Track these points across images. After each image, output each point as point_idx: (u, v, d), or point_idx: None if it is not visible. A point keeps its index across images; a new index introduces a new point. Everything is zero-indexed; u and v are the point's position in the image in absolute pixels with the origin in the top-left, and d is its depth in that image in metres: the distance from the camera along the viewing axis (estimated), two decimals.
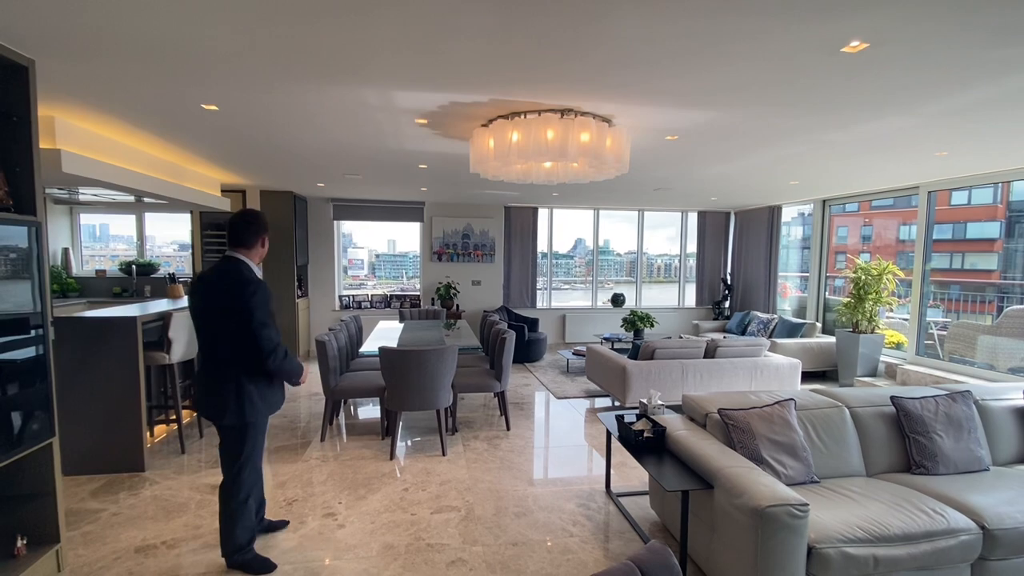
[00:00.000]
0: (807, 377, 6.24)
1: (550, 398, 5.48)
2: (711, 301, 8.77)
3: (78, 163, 3.28)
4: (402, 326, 5.79)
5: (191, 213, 6.66)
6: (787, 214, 7.82)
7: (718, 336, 6.49)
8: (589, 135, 2.87)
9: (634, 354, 4.92)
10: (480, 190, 6.52)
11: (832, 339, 6.40)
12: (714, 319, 8.48)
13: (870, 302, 5.73)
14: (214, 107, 2.98)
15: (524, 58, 2.23)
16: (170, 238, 7.88)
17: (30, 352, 2.24)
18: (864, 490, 2.49)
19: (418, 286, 8.36)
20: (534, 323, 7.52)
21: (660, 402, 3.18)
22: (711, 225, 8.72)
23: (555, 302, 8.69)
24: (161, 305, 4.37)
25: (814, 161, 4.39)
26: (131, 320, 3.45)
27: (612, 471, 3.47)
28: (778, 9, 1.79)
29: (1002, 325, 5.11)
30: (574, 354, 6.55)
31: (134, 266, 7.19)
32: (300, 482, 3.38)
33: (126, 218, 7.56)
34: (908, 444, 2.77)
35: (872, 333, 5.81)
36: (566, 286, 8.91)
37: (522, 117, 2.90)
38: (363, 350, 4.39)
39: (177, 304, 4.57)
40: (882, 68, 2.30)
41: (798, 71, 2.35)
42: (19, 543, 2.25)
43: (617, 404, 5.14)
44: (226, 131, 3.54)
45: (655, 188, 6.12)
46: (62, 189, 5.62)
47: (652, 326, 6.96)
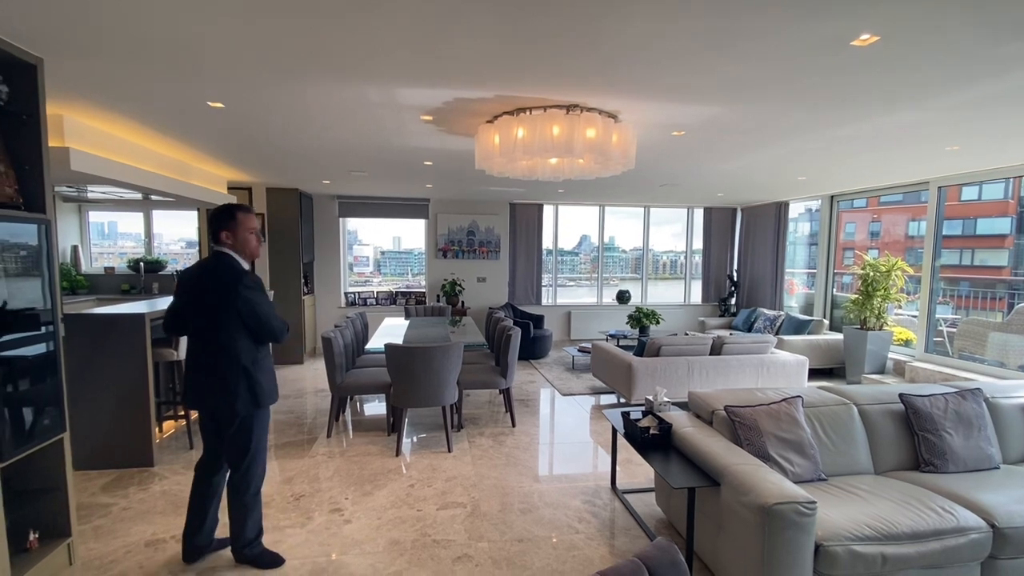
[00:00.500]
0: (814, 374, 6.19)
1: (555, 395, 5.48)
2: (717, 298, 8.73)
3: (87, 161, 3.31)
4: (408, 323, 5.80)
5: (198, 210, 6.70)
6: (794, 210, 7.76)
7: (724, 333, 6.46)
8: (595, 131, 2.86)
9: (640, 351, 4.91)
10: (485, 186, 6.51)
11: (839, 336, 6.35)
12: (720, 316, 8.45)
13: (878, 299, 5.69)
14: (220, 104, 2.99)
15: (529, 54, 2.22)
16: (177, 235, 7.93)
17: (41, 349, 2.26)
18: (872, 488, 2.48)
19: (423, 283, 8.38)
20: (539, 320, 7.52)
21: (666, 399, 3.18)
22: (717, 221, 8.67)
23: (560, 299, 8.68)
24: (169, 302, 4.39)
25: (822, 157, 4.35)
26: (139, 317, 3.48)
27: (618, 468, 3.47)
28: (788, 3, 1.76)
29: (1013, 322, 5.05)
30: (579, 351, 6.55)
31: (142, 263, 7.24)
32: (307, 477, 3.40)
33: (134, 216, 7.61)
34: (917, 442, 2.75)
35: (880, 330, 5.76)
36: (571, 283, 8.89)
37: (527, 113, 2.89)
38: (369, 347, 4.41)
39: None
40: (892, 62, 2.27)
41: (807, 66, 2.32)
42: (31, 537, 2.28)
43: (622, 401, 5.13)
44: (232, 128, 3.55)
45: (661, 184, 6.09)
46: (71, 187, 5.68)
47: (658, 323, 6.95)
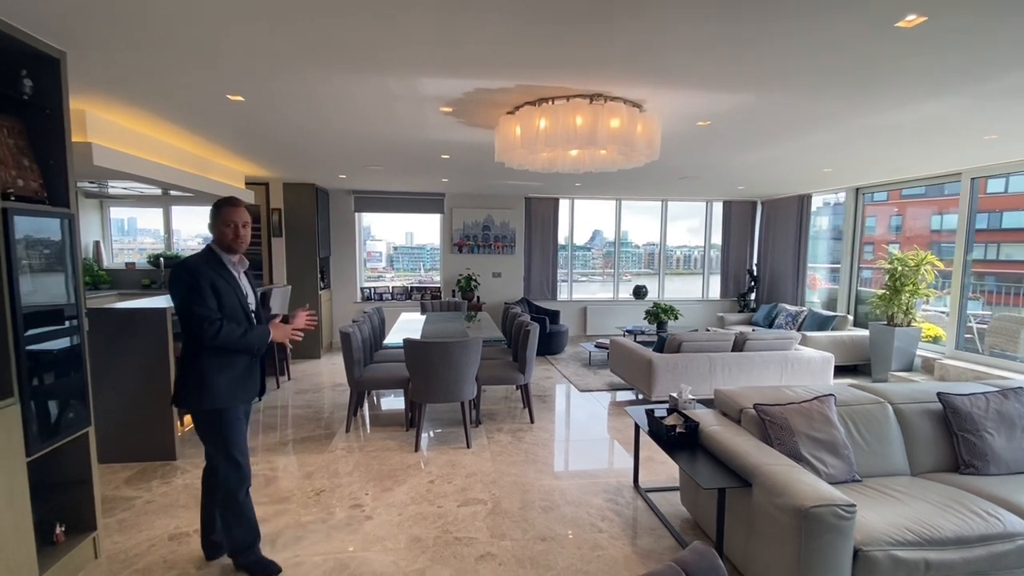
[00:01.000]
0: (838, 371, 6.04)
1: (573, 391, 5.42)
2: (736, 293, 8.58)
3: (109, 156, 3.31)
4: (424, 318, 5.78)
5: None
6: (814, 203, 7.57)
7: (746, 329, 6.34)
8: (619, 121, 2.78)
9: (659, 347, 4.82)
10: (502, 180, 6.45)
11: (864, 332, 6.20)
12: (739, 311, 8.30)
13: (907, 294, 5.52)
14: (239, 98, 2.97)
15: (553, 41, 2.15)
16: (195, 231, 7.99)
17: (65, 343, 2.27)
18: (910, 490, 2.39)
19: (437, 278, 8.36)
20: (555, 315, 7.46)
21: (691, 397, 3.10)
22: (737, 215, 8.51)
23: (576, 294, 8.60)
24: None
25: (852, 147, 4.21)
26: (160, 311, 3.49)
27: (640, 465, 3.40)
28: None
29: None
30: (596, 347, 6.48)
31: (161, 258, 7.33)
32: (327, 473, 3.40)
33: (154, 212, 7.69)
34: (956, 442, 2.64)
35: (908, 326, 5.60)
36: (583, 278, 8.79)
37: (550, 103, 2.82)
38: (387, 342, 4.39)
39: None
40: (937, 44, 2.16)
41: (847, 49, 2.22)
42: (58, 530, 2.29)
43: (641, 397, 5.06)
44: (250, 122, 3.53)
45: (681, 177, 5.97)
46: (92, 182, 5.72)
47: (676, 318, 6.85)
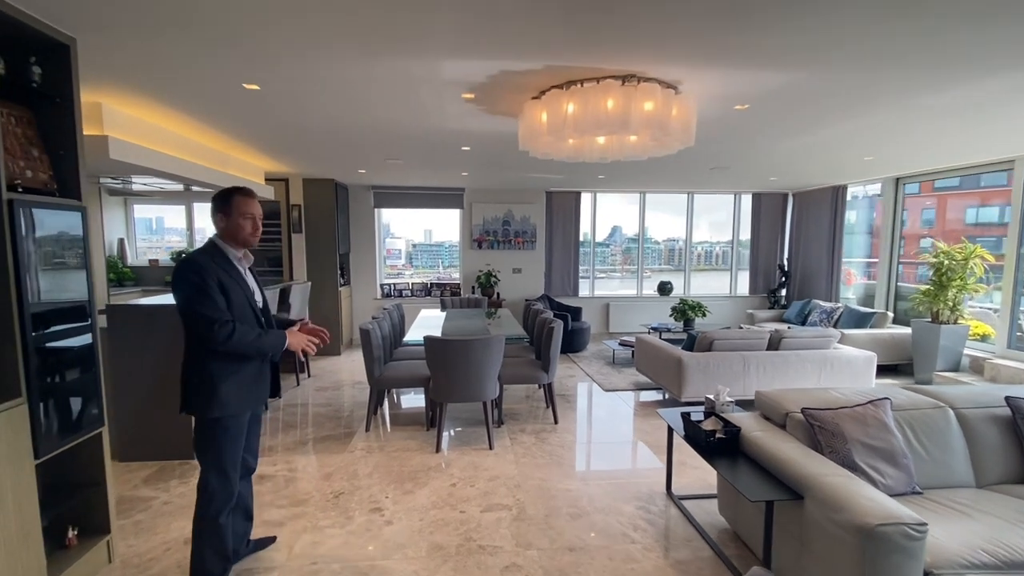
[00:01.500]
0: (878, 371, 5.73)
1: (597, 390, 5.24)
2: (766, 289, 8.26)
3: (125, 149, 3.26)
4: (444, 315, 5.66)
5: None
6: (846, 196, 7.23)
7: (781, 327, 6.07)
8: (653, 104, 2.59)
9: (689, 345, 4.61)
10: (523, 174, 6.29)
11: (905, 330, 5.87)
12: (769, 308, 7.99)
13: (954, 289, 5.19)
14: (255, 86, 2.87)
15: (582, 13, 1.98)
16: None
17: (78, 341, 2.19)
18: (977, 504, 2.17)
19: (455, 275, 8.24)
20: (577, 312, 7.27)
21: (729, 399, 2.91)
22: (767, 208, 8.19)
23: (597, 290, 8.40)
24: None
25: (900, 131, 3.93)
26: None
27: (673, 471, 3.21)
28: None
29: None
30: (621, 344, 6.28)
31: (183, 255, 7.36)
32: (346, 474, 3.30)
33: (177, 209, 7.74)
34: None
35: (955, 324, 5.27)
36: (601, 275, 8.56)
37: (579, 86, 2.65)
38: (407, 339, 4.28)
39: None
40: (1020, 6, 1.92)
41: (917, 14, 1.99)
42: (70, 534, 2.22)
43: (667, 397, 4.86)
44: (267, 113, 3.43)
45: (711, 168, 5.72)
46: (115, 179, 5.74)
47: (704, 315, 6.60)
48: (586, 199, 8.06)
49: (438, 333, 4.38)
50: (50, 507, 2.21)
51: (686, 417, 2.71)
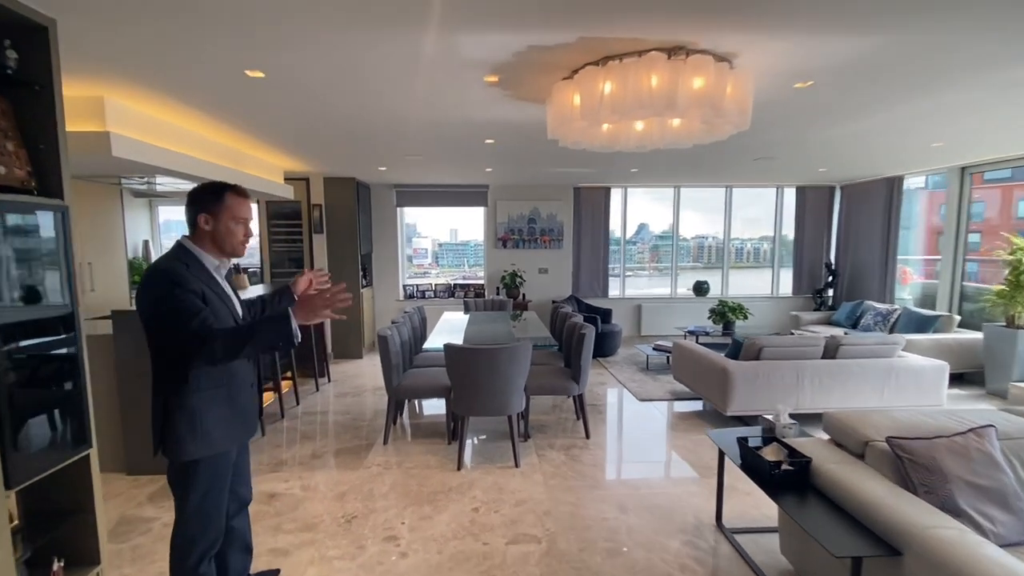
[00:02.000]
0: None
1: (630, 399, 4.87)
2: (811, 289, 7.71)
3: (129, 146, 3.07)
4: (467, 318, 5.39)
5: (257, 203, 6.61)
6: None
7: (836, 331, 5.57)
8: (704, 80, 2.23)
9: (734, 352, 4.20)
10: (550, 168, 5.96)
11: (975, 335, 5.30)
12: (815, 310, 7.44)
13: None
14: (259, 74, 2.62)
15: None
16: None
17: (58, 354, 1.97)
18: None
19: (480, 274, 7.97)
20: (607, 314, 6.89)
21: (791, 421, 2.52)
22: (812, 202, 7.63)
23: (628, 290, 7.99)
24: None
25: (981, 112, 3.44)
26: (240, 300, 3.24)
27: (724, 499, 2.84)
28: None
29: None
30: (655, 349, 5.88)
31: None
32: (361, 494, 3.04)
33: None
34: None
35: None
36: (628, 273, 8.13)
37: (617, 61, 2.31)
38: (427, 346, 4.01)
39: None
40: None
41: None
42: (56, 566, 2.01)
43: (707, 408, 4.46)
44: (275, 104, 3.20)
45: (755, 159, 5.27)
46: (141, 179, 5.61)
47: (745, 318, 6.15)
48: (616, 195, 7.67)
49: (460, 338, 4.11)
50: (33, 536, 2.02)
51: (743, 444, 2.34)
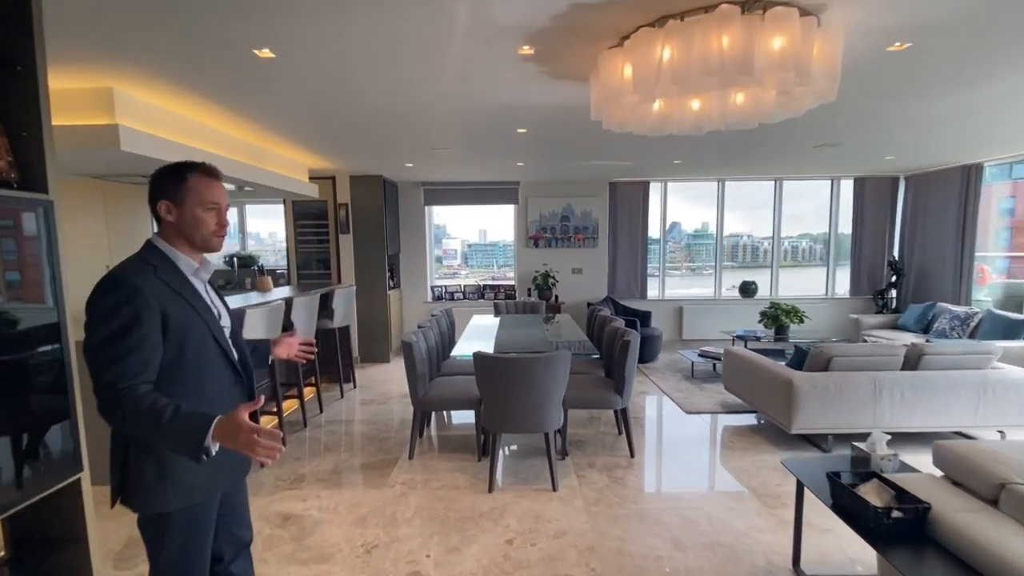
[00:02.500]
0: None
1: (675, 411, 4.45)
2: (871, 290, 7.07)
3: (139, 140, 2.88)
4: (498, 321, 5.07)
5: (284, 203, 6.47)
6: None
7: (913, 338, 5.00)
8: (787, 38, 1.84)
9: (798, 362, 3.74)
10: (585, 161, 5.59)
11: None
12: (877, 312, 6.80)
13: None
14: (268, 53, 2.37)
15: None
16: (268, 228, 7.90)
17: (40, 368, 1.75)
18: None
19: (510, 274, 7.65)
20: (646, 317, 6.46)
21: (891, 452, 2.09)
22: (872, 195, 6.99)
23: (668, 291, 7.52)
24: (240, 300, 4.01)
25: None
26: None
27: (790, 532, 2.42)
28: None
29: None
30: (701, 356, 5.42)
31: (235, 258, 7.24)
32: (383, 518, 2.76)
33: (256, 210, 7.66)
34: None
35: None
36: (656, 272, 7.61)
37: (679, 20, 1.94)
38: (455, 353, 3.71)
39: (267, 297, 4.22)
40: None
41: None
42: None
43: (763, 422, 4.00)
44: (288, 89, 2.93)
45: (816, 145, 4.76)
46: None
47: (801, 322, 5.62)
48: (655, 189, 7.21)
49: (490, 344, 3.79)
50: (22, 567, 1.81)
51: (836, 481, 1.93)
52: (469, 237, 8.64)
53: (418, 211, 7.23)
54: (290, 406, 4.50)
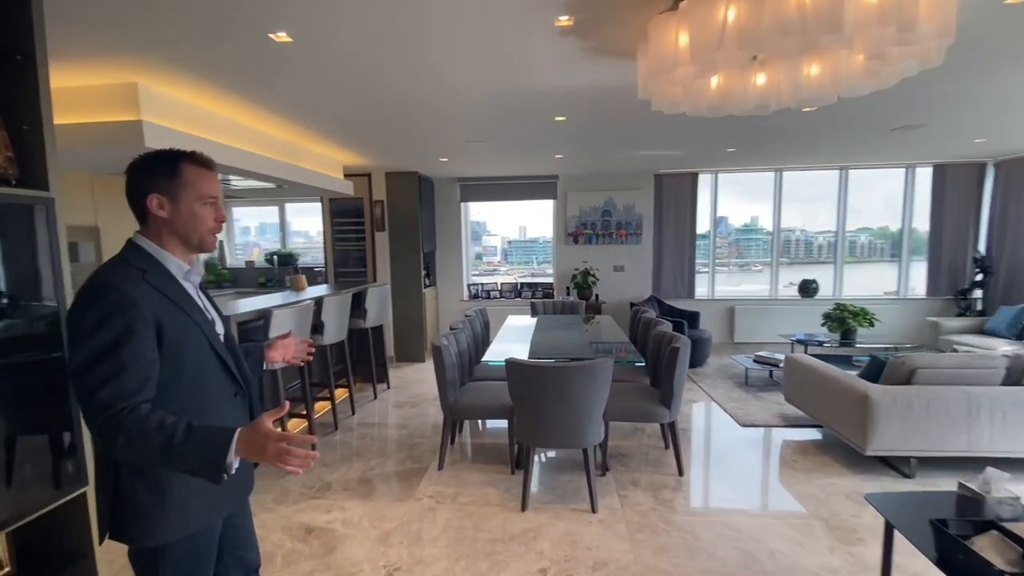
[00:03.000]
0: None
1: (728, 423, 4.07)
2: (952, 290, 6.35)
3: (163, 136, 2.80)
4: (535, 322, 4.82)
5: (321, 200, 6.45)
6: None
7: (1012, 346, 4.41)
8: None
9: (873, 372, 3.30)
10: (629, 152, 5.24)
11: None
12: (959, 315, 6.10)
13: None
14: (285, 37, 2.20)
15: None
16: (307, 226, 7.94)
17: (37, 375, 1.64)
18: None
19: (549, 271, 7.38)
20: (694, 318, 6.04)
21: (1011, 493, 1.70)
22: (955, 183, 6.26)
23: (717, 290, 7.03)
24: (270, 300, 3.94)
25: None
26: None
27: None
28: None
29: None
30: (756, 361, 4.98)
31: (275, 256, 7.31)
32: (407, 536, 2.57)
33: (270, 210, 7.75)
34: None
35: None
36: (704, 269, 7.10)
37: None
38: (487, 358, 3.49)
39: (298, 297, 4.14)
40: None
41: None
42: None
43: (833, 440, 3.57)
44: (309, 78, 2.76)
45: (894, 128, 4.23)
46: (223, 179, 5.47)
47: (871, 325, 5.08)
48: (705, 181, 6.75)
49: (525, 349, 3.55)
50: None
51: (943, 531, 1.57)
52: (509, 234, 8.45)
53: (454, 207, 7.06)
54: (322, 407, 4.42)
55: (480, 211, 7.80)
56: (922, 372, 3.10)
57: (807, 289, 6.60)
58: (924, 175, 6.40)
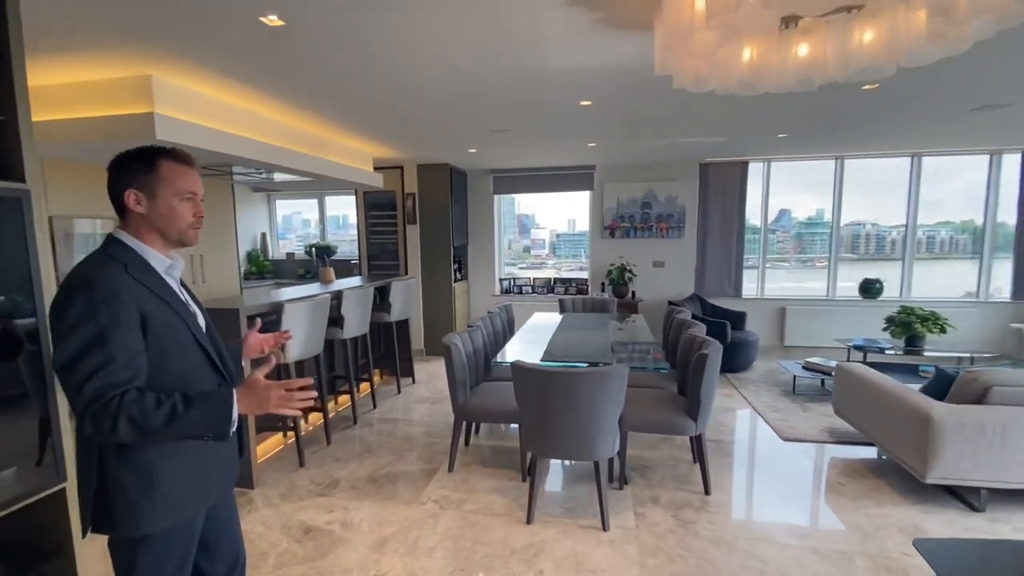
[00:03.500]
0: None
1: (770, 436, 3.71)
2: None
3: (175, 128, 2.80)
4: (559, 320, 4.60)
5: (355, 193, 6.48)
6: None
7: None
8: None
9: (939, 388, 2.87)
10: (669, 139, 4.89)
11: None
12: None
13: None
14: (277, 20, 2.11)
15: None
16: (343, 215, 8.04)
17: (14, 366, 1.62)
18: None
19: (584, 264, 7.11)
20: (739, 319, 5.62)
21: None
22: None
23: (767, 288, 6.52)
24: (292, 292, 3.93)
25: None
26: (232, 312, 2.93)
27: None
28: None
29: None
30: (806, 369, 4.54)
31: (314, 248, 7.44)
32: (404, 543, 2.46)
33: (310, 203, 7.91)
34: None
35: None
36: (753, 265, 6.56)
37: None
38: (499, 358, 3.33)
39: (328, 288, 4.11)
40: None
41: None
42: None
43: (888, 461, 3.15)
44: (308, 63, 2.64)
45: (973, 108, 3.68)
46: (258, 172, 5.56)
47: (943, 331, 4.52)
48: (754, 171, 6.25)
49: (540, 350, 3.36)
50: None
51: None
52: (558, 227, 8.26)
53: (488, 200, 6.92)
54: (344, 401, 4.41)
55: (529, 204, 7.65)
56: (998, 391, 2.65)
57: (869, 289, 5.99)
58: (1011, 162, 5.63)
